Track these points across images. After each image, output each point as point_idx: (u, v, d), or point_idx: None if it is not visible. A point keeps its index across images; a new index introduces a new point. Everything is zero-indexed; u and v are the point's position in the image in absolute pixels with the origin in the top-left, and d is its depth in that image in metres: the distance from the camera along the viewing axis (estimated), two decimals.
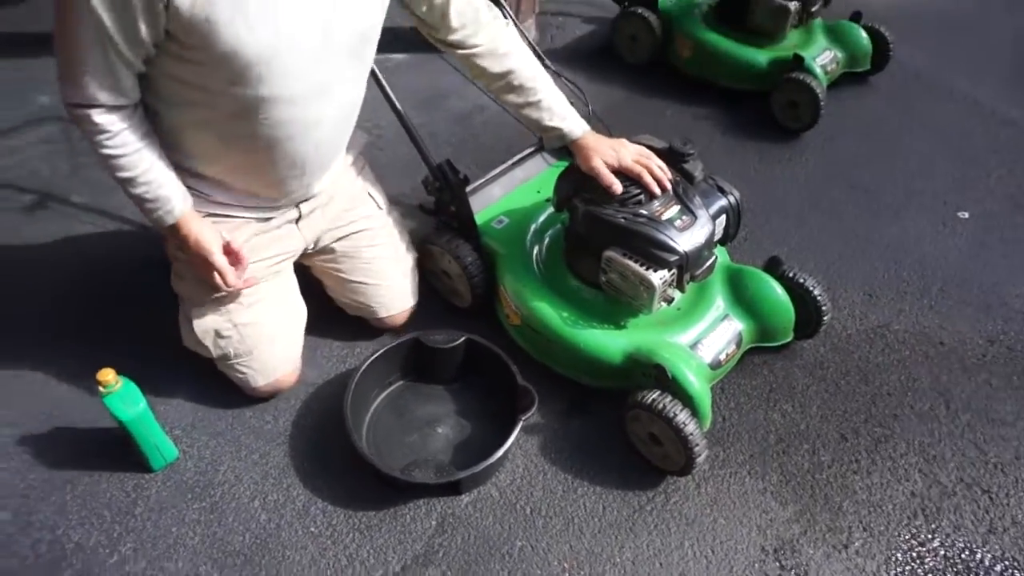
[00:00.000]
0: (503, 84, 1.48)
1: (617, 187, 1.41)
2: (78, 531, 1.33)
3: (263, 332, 1.46)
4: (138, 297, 1.74)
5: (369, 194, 1.64)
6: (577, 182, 1.48)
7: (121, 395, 1.30)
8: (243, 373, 1.47)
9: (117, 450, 1.43)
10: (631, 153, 1.45)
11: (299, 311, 1.57)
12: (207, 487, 1.40)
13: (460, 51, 1.47)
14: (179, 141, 1.30)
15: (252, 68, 1.14)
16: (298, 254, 1.57)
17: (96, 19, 1.04)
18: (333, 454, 1.45)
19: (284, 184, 1.39)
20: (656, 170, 1.43)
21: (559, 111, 1.48)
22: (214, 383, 1.52)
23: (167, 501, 1.38)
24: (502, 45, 1.46)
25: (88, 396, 1.55)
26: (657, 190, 1.42)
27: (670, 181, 1.44)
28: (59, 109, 2.42)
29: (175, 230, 1.30)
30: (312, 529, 1.34)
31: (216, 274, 1.32)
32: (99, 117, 1.16)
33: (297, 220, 1.51)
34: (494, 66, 1.47)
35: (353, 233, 1.60)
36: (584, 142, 1.47)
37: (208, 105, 1.22)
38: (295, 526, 1.34)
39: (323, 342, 1.67)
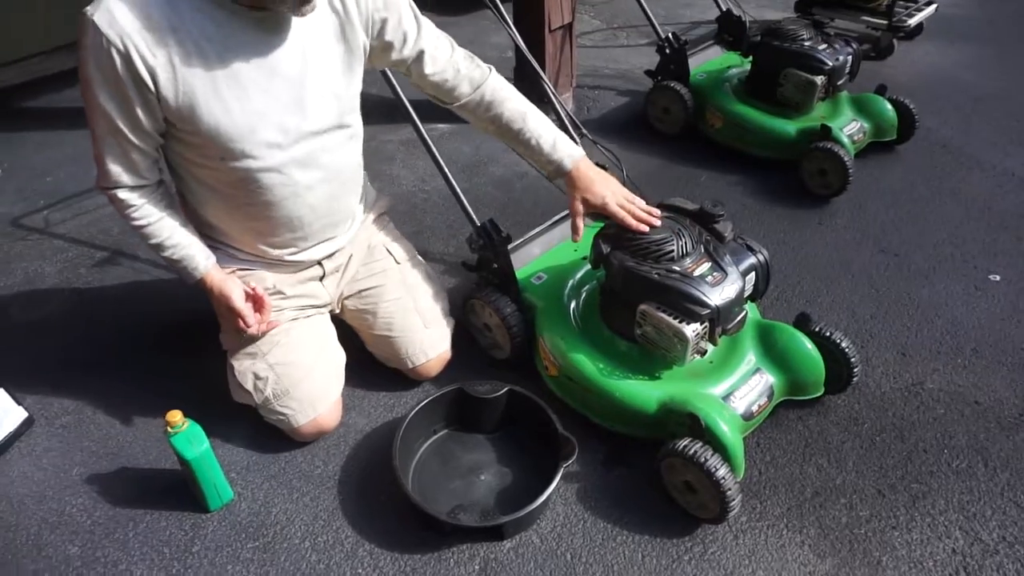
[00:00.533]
0: (495, 129, 1.61)
1: (630, 223, 1.52)
2: (140, 567, 1.41)
3: (298, 370, 1.56)
4: (200, 348, 1.84)
5: (387, 249, 1.76)
6: (613, 240, 1.57)
7: (187, 435, 1.40)
8: (283, 414, 1.55)
9: (177, 490, 1.52)
10: (617, 198, 1.55)
11: (335, 353, 1.66)
12: (260, 527, 1.47)
13: (449, 104, 1.59)
14: (198, 210, 1.50)
15: (235, 144, 1.32)
16: (327, 308, 1.69)
17: (104, 113, 1.26)
18: (380, 498, 1.51)
19: (290, 244, 1.54)
20: (640, 213, 1.52)
21: (547, 151, 1.58)
22: (267, 429, 1.61)
23: (223, 540, 1.45)
24: (487, 94, 1.57)
25: (152, 439, 1.65)
26: (645, 228, 1.51)
27: (697, 239, 1.52)
28: None
29: (202, 284, 1.48)
30: (360, 571, 1.39)
31: (239, 318, 1.47)
32: (124, 195, 1.37)
33: (321, 278, 1.65)
34: (484, 114, 1.59)
35: (371, 288, 1.71)
36: (574, 177, 1.58)
37: (211, 178, 1.41)
38: (343, 567, 1.40)
39: (371, 391, 1.75)
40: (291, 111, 1.36)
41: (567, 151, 1.59)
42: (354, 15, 1.39)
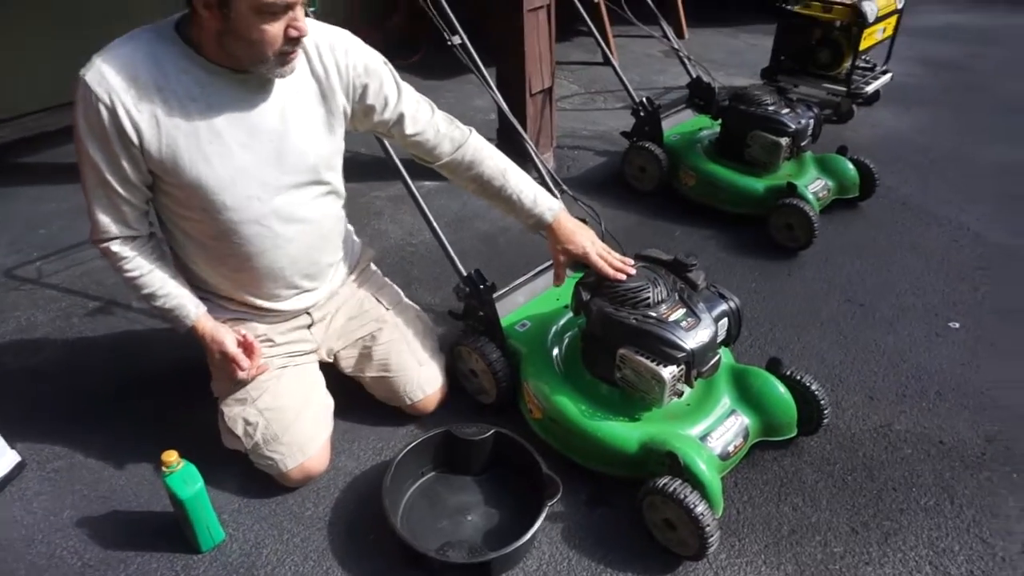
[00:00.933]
0: (476, 187, 1.70)
1: (608, 272, 1.62)
2: None
3: (287, 415, 1.60)
4: (190, 396, 1.88)
5: (376, 298, 1.83)
6: (592, 288, 1.66)
7: (182, 475, 1.43)
8: (272, 459, 1.58)
9: (168, 532, 1.55)
10: (596, 247, 1.65)
11: (323, 399, 1.70)
12: (251, 568, 1.49)
13: (431, 164, 1.68)
14: (187, 263, 1.58)
15: (216, 196, 1.41)
16: (316, 356, 1.74)
17: (94, 165, 1.35)
18: (369, 538, 1.54)
19: (272, 294, 1.61)
20: (616, 263, 1.62)
21: (528, 206, 1.66)
22: (258, 473, 1.64)
23: None
24: (468, 154, 1.65)
25: (143, 482, 1.68)
26: (622, 277, 1.60)
27: (672, 287, 1.62)
28: None
29: (194, 332, 1.53)
30: None
31: (231, 363, 1.52)
32: (116, 247, 1.45)
33: (309, 326, 1.72)
34: (465, 173, 1.67)
35: (363, 336, 1.77)
36: (555, 229, 1.67)
37: (196, 230, 1.49)
38: None
39: (359, 435, 1.80)
40: (270, 165, 1.44)
41: (547, 205, 1.68)
42: (335, 81, 1.49)
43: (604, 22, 4.00)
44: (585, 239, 1.68)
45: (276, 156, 1.45)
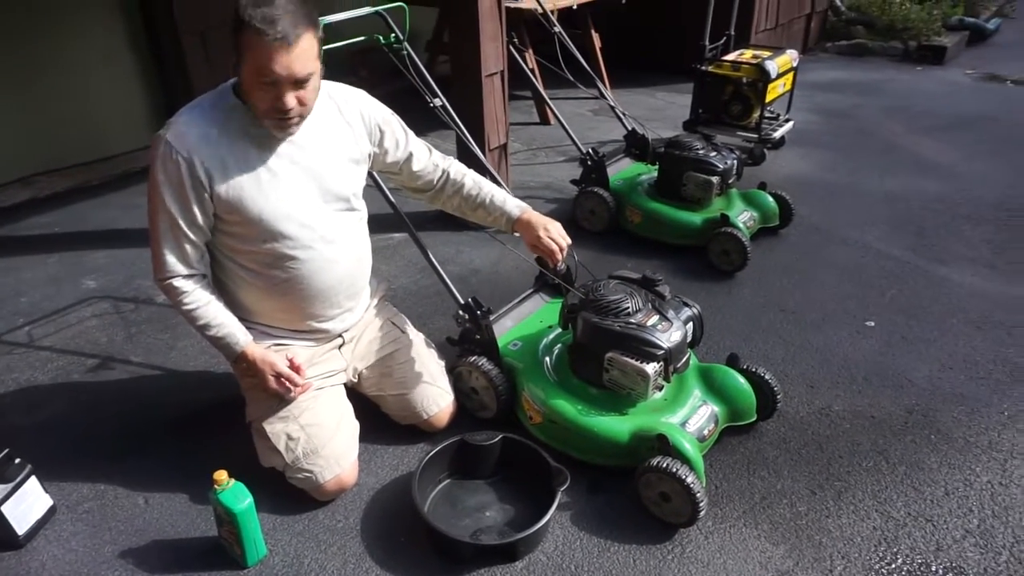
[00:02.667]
0: (460, 200, 1.98)
1: (557, 256, 1.89)
2: None
3: (326, 431, 1.78)
4: (207, 432, 2.03)
5: (393, 322, 2.07)
6: (579, 305, 1.93)
7: (233, 492, 1.58)
8: (311, 471, 1.74)
9: (210, 554, 1.68)
10: (556, 232, 1.90)
11: (353, 422, 1.89)
12: None
13: (427, 192, 1.99)
14: (237, 295, 1.78)
15: (275, 225, 1.66)
16: (345, 375, 1.94)
17: (167, 211, 1.59)
18: (401, 541, 1.71)
19: (320, 315, 1.82)
20: (561, 241, 1.88)
21: (499, 204, 1.93)
22: (287, 494, 1.79)
23: None
24: (454, 176, 1.95)
25: (176, 512, 1.80)
26: (559, 257, 1.88)
27: (645, 299, 1.91)
28: (107, 290, 2.90)
29: (243, 357, 1.71)
30: None
31: (283, 381, 1.71)
32: (178, 283, 1.66)
33: (340, 347, 1.94)
34: (452, 192, 1.97)
35: (386, 355, 2.00)
36: (525, 220, 1.92)
37: (253, 261, 1.71)
38: None
39: (376, 455, 1.97)
40: (315, 197, 1.71)
41: (515, 203, 1.96)
42: (359, 128, 1.78)
43: (540, 87, 4.41)
44: (549, 222, 1.92)
45: (319, 189, 1.70)
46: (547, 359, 2.05)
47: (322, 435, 1.76)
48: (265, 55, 1.43)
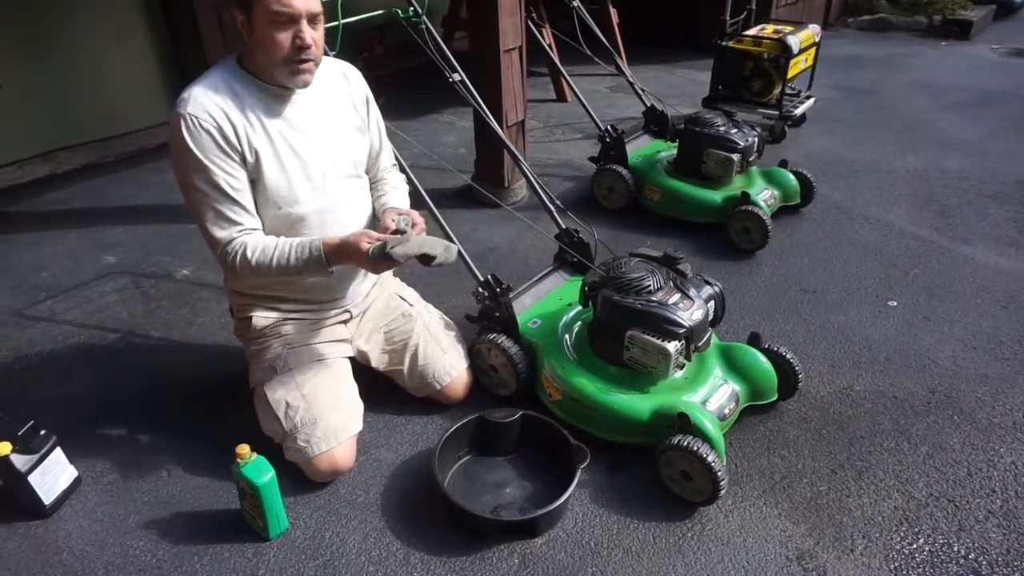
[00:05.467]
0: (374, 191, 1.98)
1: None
2: None
3: (326, 400, 1.78)
4: (226, 407, 2.04)
5: (400, 296, 2.09)
6: (600, 283, 1.92)
7: (255, 465, 1.59)
8: (305, 444, 1.73)
9: (232, 526, 1.69)
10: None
11: (356, 399, 1.88)
12: (318, 549, 1.64)
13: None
14: None
15: (290, 190, 1.69)
16: (351, 348, 1.95)
17: (208, 179, 1.59)
18: (421, 515, 1.72)
19: (335, 285, 1.85)
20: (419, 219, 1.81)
21: (383, 200, 1.93)
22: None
23: (285, 563, 1.61)
24: (389, 178, 2.00)
25: (199, 486, 1.82)
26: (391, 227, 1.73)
27: (666, 277, 1.90)
28: (126, 265, 2.91)
29: (328, 248, 1.63)
30: (415, 574, 1.58)
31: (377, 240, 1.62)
32: (237, 245, 1.64)
33: (347, 321, 1.96)
34: (376, 183, 1.99)
35: (396, 328, 2.01)
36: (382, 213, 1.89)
37: (271, 227, 1.71)
38: (400, 573, 1.59)
39: (395, 430, 1.98)
40: (324, 163, 1.74)
41: (392, 202, 1.91)
42: (357, 98, 1.84)
43: (557, 63, 4.35)
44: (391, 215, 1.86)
45: (328, 155, 1.74)
46: (567, 337, 2.04)
47: (321, 406, 1.76)
48: None
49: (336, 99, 1.79)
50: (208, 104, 1.57)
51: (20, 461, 1.67)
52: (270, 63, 1.59)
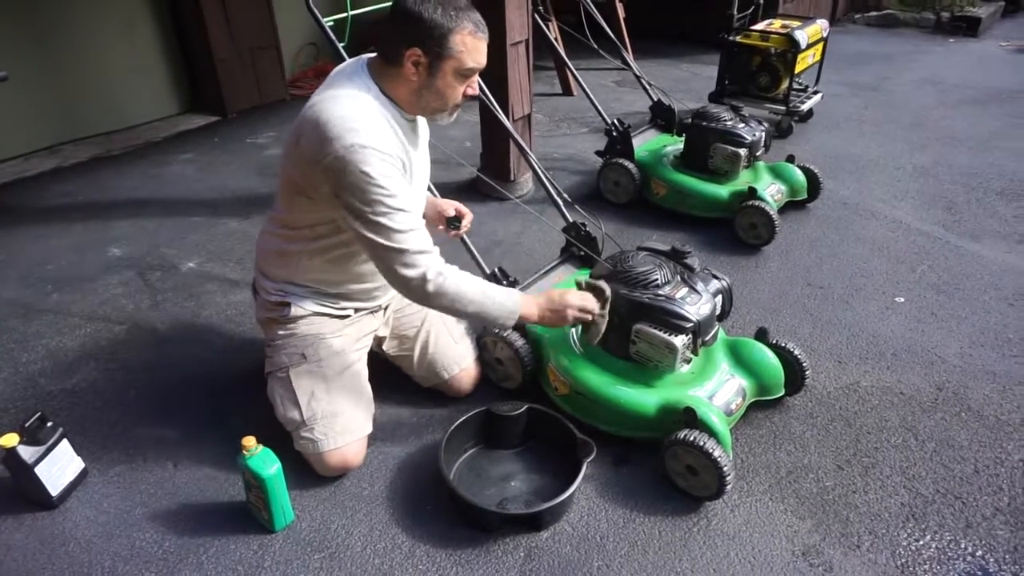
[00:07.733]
0: None
1: None
2: None
3: (347, 396, 1.80)
4: (231, 401, 2.04)
5: None
6: (607, 277, 1.91)
7: (261, 457, 1.59)
8: (322, 436, 1.73)
9: (237, 518, 1.69)
10: None
11: (370, 400, 1.88)
12: (323, 541, 1.65)
13: None
14: (311, 268, 1.78)
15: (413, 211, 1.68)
16: (375, 336, 1.98)
17: (404, 200, 1.58)
18: (427, 508, 1.72)
19: (372, 286, 1.86)
20: (465, 210, 2.02)
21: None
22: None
23: (291, 555, 1.61)
24: None
25: (205, 478, 1.82)
26: None
27: (674, 271, 1.89)
28: (131, 258, 2.94)
29: (530, 308, 1.73)
30: (420, 567, 1.58)
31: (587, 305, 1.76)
32: (438, 265, 1.63)
33: (376, 311, 1.97)
34: None
35: (409, 316, 2.02)
36: None
37: (328, 238, 1.70)
38: (405, 566, 1.59)
39: (402, 425, 1.98)
40: (425, 181, 1.86)
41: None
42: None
43: (564, 57, 4.34)
44: (448, 207, 2.10)
45: (427, 174, 1.86)
46: (574, 330, 2.03)
47: (343, 401, 1.77)
48: (480, 51, 1.57)
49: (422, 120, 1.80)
50: (381, 135, 1.55)
51: (27, 452, 1.67)
52: (438, 106, 1.62)
